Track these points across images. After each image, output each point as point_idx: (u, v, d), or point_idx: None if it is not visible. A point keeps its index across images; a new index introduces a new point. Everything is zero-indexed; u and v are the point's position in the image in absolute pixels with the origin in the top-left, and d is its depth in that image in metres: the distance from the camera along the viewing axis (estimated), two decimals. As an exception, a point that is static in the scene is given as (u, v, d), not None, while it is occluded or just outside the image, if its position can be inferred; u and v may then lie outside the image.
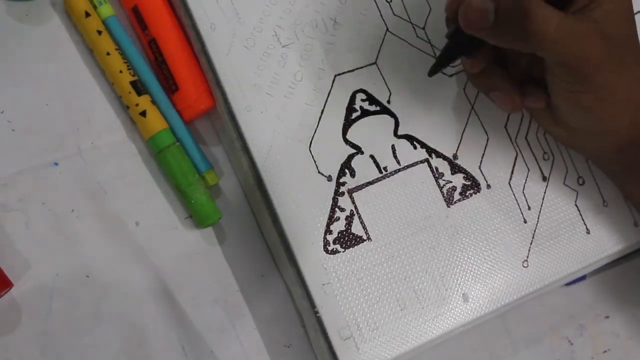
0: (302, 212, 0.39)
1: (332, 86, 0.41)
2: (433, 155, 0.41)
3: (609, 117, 0.37)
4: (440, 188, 0.41)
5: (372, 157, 0.41)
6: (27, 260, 0.37)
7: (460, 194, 0.41)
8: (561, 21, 0.32)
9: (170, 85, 0.40)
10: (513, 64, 0.39)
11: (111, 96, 0.40)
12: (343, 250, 0.39)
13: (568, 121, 0.38)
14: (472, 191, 0.42)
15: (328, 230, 0.39)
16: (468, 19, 0.34)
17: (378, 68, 0.42)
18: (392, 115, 0.41)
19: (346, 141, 0.40)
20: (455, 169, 0.42)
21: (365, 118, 0.41)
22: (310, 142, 0.40)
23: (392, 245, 0.40)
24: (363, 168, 0.40)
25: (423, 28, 0.43)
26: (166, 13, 0.40)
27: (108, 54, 0.39)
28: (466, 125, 0.42)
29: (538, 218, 0.42)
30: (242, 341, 0.39)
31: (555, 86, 0.36)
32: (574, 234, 0.42)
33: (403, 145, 0.41)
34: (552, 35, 0.32)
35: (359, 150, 0.40)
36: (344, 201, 0.40)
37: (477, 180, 0.42)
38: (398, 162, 0.41)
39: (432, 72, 0.39)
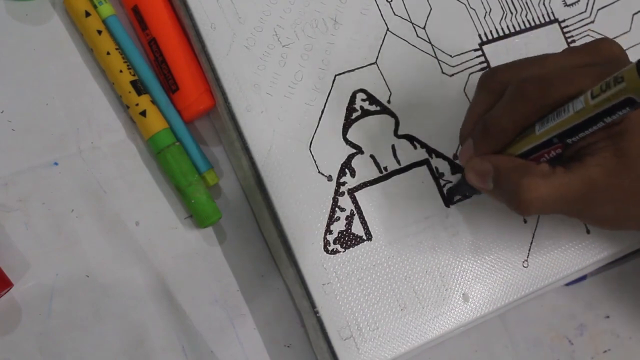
0: (302, 212, 0.39)
1: (332, 86, 0.41)
2: (433, 155, 0.41)
3: (627, 227, 0.37)
4: (441, 188, 0.41)
5: (372, 157, 0.41)
6: (27, 260, 0.37)
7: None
8: (549, 189, 0.33)
9: (170, 85, 0.40)
10: None
11: (111, 96, 0.40)
12: (343, 250, 0.39)
13: None
14: (472, 191, 0.41)
15: (328, 230, 0.39)
16: (471, 178, 0.36)
17: (378, 68, 0.42)
18: (393, 115, 0.41)
19: (346, 141, 0.40)
20: (456, 168, 0.42)
21: (366, 118, 0.41)
22: (311, 142, 0.40)
23: (392, 245, 0.40)
24: (363, 168, 0.40)
25: (424, 28, 0.43)
26: (166, 13, 0.40)
27: (108, 53, 0.39)
28: (466, 125, 0.42)
29: (538, 218, 0.42)
30: (242, 341, 0.39)
31: None
32: (574, 234, 0.42)
33: (403, 145, 0.41)
34: (539, 205, 0.33)
35: (359, 150, 0.40)
36: (344, 201, 0.40)
37: (477, 180, 0.42)
38: (398, 162, 0.41)
39: (448, 201, 0.41)
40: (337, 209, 0.39)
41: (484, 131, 0.35)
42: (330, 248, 0.39)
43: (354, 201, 0.40)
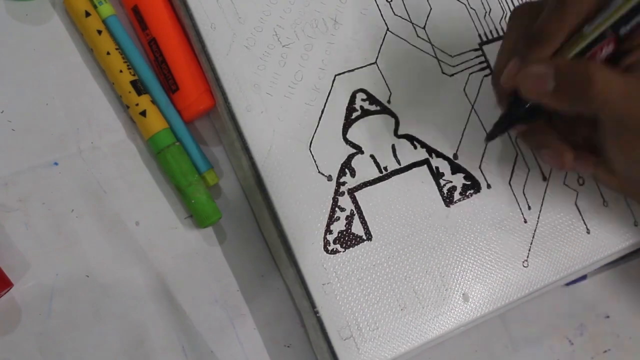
0: (302, 211, 0.39)
1: (332, 86, 0.41)
2: (433, 155, 0.41)
3: None
4: (441, 188, 0.41)
5: (372, 156, 0.41)
6: (27, 260, 0.37)
7: (461, 193, 0.41)
8: (623, 84, 0.31)
9: (170, 85, 0.40)
10: (561, 123, 0.38)
11: (111, 96, 0.40)
12: (343, 250, 0.39)
13: (623, 172, 0.36)
14: (472, 191, 0.42)
15: (328, 230, 0.39)
16: (527, 87, 0.34)
17: (378, 68, 0.42)
18: (393, 115, 0.41)
19: (346, 141, 0.40)
20: (456, 168, 0.42)
21: (366, 118, 0.41)
22: (311, 142, 0.40)
23: (392, 245, 0.40)
24: (363, 168, 0.40)
25: (423, 28, 0.43)
26: (166, 13, 0.40)
27: (108, 53, 0.39)
28: (466, 124, 0.42)
29: (538, 218, 0.42)
30: (242, 341, 0.39)
31: (610, 142, 0.35)
32: (574, 234, 0.42)
33: (403, 145, 0.41)
34: (615, 99, 0.32)
35: (359, 150, 0.40)
36: (344, 201, 0.40)
37: (477, 180, 0.42)
38: (398, 162, 0.41)
39: (489, 139, 0.38)
40: (337, 208, 0.39)
41: (531, 41, 0.33)
42: (330, 248, 0.39)
43: (354, 201, 0.40)
